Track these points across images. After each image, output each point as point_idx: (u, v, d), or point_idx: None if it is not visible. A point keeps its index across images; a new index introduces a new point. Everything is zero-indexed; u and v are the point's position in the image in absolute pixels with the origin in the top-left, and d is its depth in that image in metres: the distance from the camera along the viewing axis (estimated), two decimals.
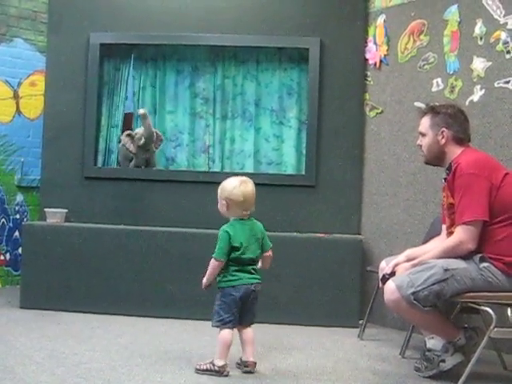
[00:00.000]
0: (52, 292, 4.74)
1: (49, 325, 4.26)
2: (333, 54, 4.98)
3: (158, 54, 5.33)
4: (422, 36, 4.57)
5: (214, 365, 3.25)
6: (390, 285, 3.18)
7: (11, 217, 5.77)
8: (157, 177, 5.09)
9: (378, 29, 4.87)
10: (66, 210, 4.96)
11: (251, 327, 3.37)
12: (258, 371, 3.34)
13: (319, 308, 4.62)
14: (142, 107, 5.25)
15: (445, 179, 3.37)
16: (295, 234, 4.80)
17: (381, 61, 4.84)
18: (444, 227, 3.44)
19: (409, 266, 3.22)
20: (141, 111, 4.95)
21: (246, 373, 3.30)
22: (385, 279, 3.27)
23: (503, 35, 4.07)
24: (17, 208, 5.82)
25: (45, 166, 5.15)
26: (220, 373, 3.24)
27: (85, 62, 5.10)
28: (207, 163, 5.32)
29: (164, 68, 5.35)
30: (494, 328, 3.05)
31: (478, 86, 4.20)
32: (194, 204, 4.96)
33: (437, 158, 3.41)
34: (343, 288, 4.62)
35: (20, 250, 5.45)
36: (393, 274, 3.25)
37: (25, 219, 5.81)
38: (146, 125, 4.99)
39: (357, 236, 4.83)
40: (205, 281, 3.34)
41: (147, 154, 5.15)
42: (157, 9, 5.10)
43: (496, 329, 3.05)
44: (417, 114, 3.66)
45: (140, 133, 5.05)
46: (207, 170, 5.26)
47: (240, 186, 3.31)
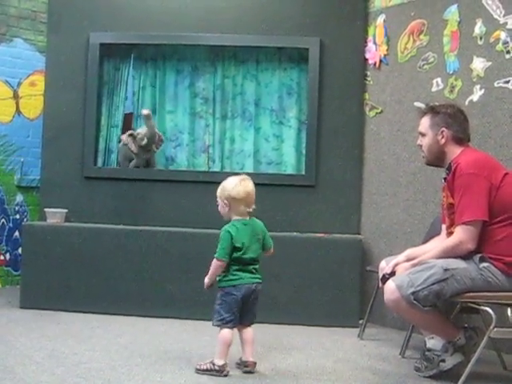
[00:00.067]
0: (52, 292, 4.74)
1: (49, 325, 4.26)
2: (333, 54, 4.98)
3: (158, 54, 5.33)
4: (422, 36, 4.57)
5: (214, 364, 3.25)
6: (390, 284, 3.18)
7: (11, 217, 5.77)
8: (157, 177, 5.09)
9: (378, 28, 4.87)
10: (66, 210, 4.96)
11: (251, 327, 3.37)
12: (258, 371, 3.34)
13: (319, 308, 4.62)
14: (142, 107, 5.26)
15: (444, 179, 3.37)
16: (295, 234, 4.80)
17: (380, 60, 4.84)
18: (444, 227, 3.44)
19: (409, 266, 3.22)
20: (145, 112, 4.95)
21: (246, 373, 3.31)
22: (385, 279, 3.27)
23: (503, 35, 4.07)
24: (17, 208, 5.82)
25: (44, 166, 5.15)
26: (220, 372, 3.24)
27: (84, 62, 5.10)
28: (207, 163, 5.32)
29: (164, 68, 5.35)
30: (494, 328, 3.05)
31: (478, 86, 4.20)
32: (194, 204, 4.96)
33: (437, 158, 3.41)
34: (343, 288, 4.62)
35: (20, 250, 5.45)
36: (393, 274, 3.25)
37: (25, 219, 5.80)
38: (150, 125, 4.98)
39: (357, 236, 4.83)
40: (207, 280, 3.34)
41: (148, 155, 5.15)
42: (157, 9, 5.10)
43: (496, 329, 3.05)
44: (416, 114, 3.66)
45: (142, 133, 5.05)
46: (207, 170, 5.26)
47: (240, 184, 3.32)
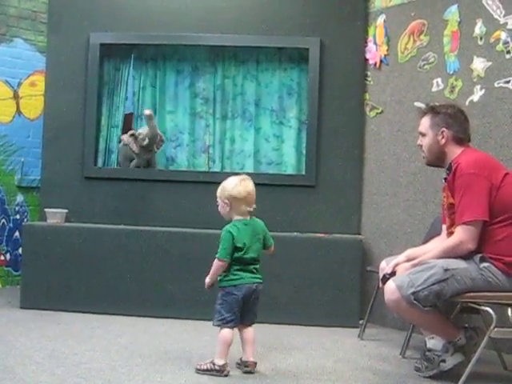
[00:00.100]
0: (52, 292, 4.74)
1: (49, 325, 4.26)
2: (333, 54, 4.97)
3: (158, 54, 5.33)
4: (422, 36, 4.57)
5: (215, 364, 3.25)
6: (391, 285, 3.18)
7: (11, 217, 5.77)
8: (157, 177, 5.09)
9: (378, 29, 4.87)
10: (66, 211, 4.96)
11: (252, 327, 3.37)
12: (259, 371, 3.34)
13: (319, 308, 4.62)
14: (143, 107, 5.27)
15: (445, 179, 3.37)
16: (295, 234, 4.80)
17: (381, 61, 4.84)
18: (444, 227, 3.44)
19: (409, 266, 3.21)
20: (147, 112, 4.94)
21: (247, 373, 3.30)
22: (385, 279, 3.27)
23: (503, 35, 4.07)
24: (17, 208, 5.82)
25: (45, 167, 5.15)
26: (221, 372, 3.24)
27: (85, 62, 5.10)
28: (207, 163, 5.32)
29: (164, 68, 5.35)
30: (495, 328, 3.05)
31: (478, 86, 4.20)
32: (194, 204, 4.96)
33: (437, 159, 3.41)
34: (343, 288, 4.62)
35: (20, 251, 5.45)
36: (393, 274, 3.25)
37: (25, 219, 5.80)
38: (152, 125, 4.98)
39: (357, 236, 4.83)
40: (208, 280, 3.33)
41: (149, 155, 5.15)
42: (157, 9, 5.10)
43: (496, 329, 3.05)
44: (417, 114, 3.66)
45: (144, 133, 5.04)
46: (207, 170, 5.26)
47: (241, 183, 3.32)
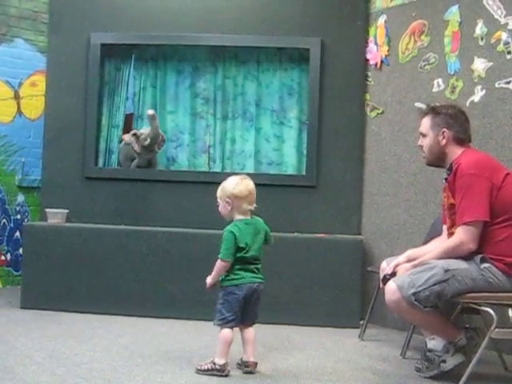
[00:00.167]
0: (52, 292, 4.74)
1: (49, 325, 4.26)
2: (333, 55, 4.97)
3: (159, 54, 5.33)
4: (423, 36, 4.57)
5: (215, 364, 3.25)
6: (391, 285, 3.18)
7: (12, 217, 5.77)
8: (157, 177, 5.09)
9: (379, 29, 4.87)
10: (67, 211, 4.96)
11: (253, 327, 3.37)
12: (259, 371, 3.34)
13: (320, 308, 4.62)
14: (143, 107, 5.28)
15: (445, 179, 3.37)
16: (296, 235, 4.80)
17: (381, 61, 4.84)
18: (445, 228, 3.43)
19: (409, 267, 3.21)
20: (150, 112, 4.94)
21: (247, 373, 3.31)
22: (386, 279, 3.26)
23: (504, 36, 4.07)
24: (18, 208, 5.82)
25: (45, 167, 5.15)
26: (221, 371, 3.23)
27: (85, 63, 5.10)
28: (208, 163, 5.32)
29: (165, 68, 5.34)
30: (495, 328, 3.05)
31: (479, 87, 4.20)
32: (195, 204, 4.96)
33: (438, 159, 3.41)
34: (344, 288, 4.61)
35: (21, 251, 5.45)
36: (394, 275, 3.25)
37: (26, 219, 5.80)
38: (154, 125, 4.98)
39: (357, 236, 4.83)
40: (210, 281, 3.33)
41: (150, 155, 5.15)
42: (157, 9, 5.10)
43: (497, 329, 3.05)
44: (417, 115, 3.66)
45: (146, 133, 5.04)
46: (208, 171, 5.26)
47: (242, 182, 3.32)
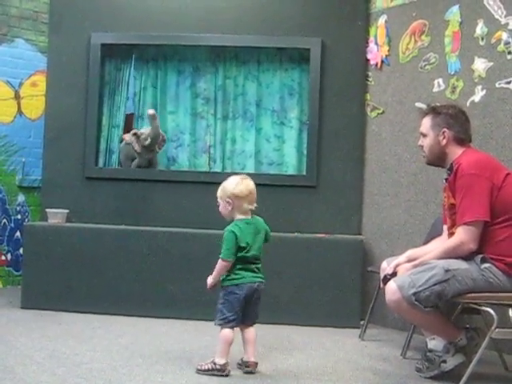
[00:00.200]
0: (53, 292, 4.74)
1: (50, 325, 4.26)
2: (334, 55, 4.97)
3: (159, 55, 5.33)
4: (424, 36, 4.56)
5: (216, 363, 3.25)
6: (392, 285, 3.18)
7: (12, 217, 5.77)
8: (158, 177, 5.09)
9: (380, 29, 4.86)
10: (67, 211, 4.96)
11: (253, 327, 3.37)
12: (259, 371, 3.34)
13: (320, 308, 4.61)
14: (144, 108, 5.28)
15: (446, 180, 3.37)
16: (296, 235, 4.80)
17: (382, 61, 4.84)
18: (445, 228, 3.43)
19: (410, 267, 3.21)
20: (150, 111, 4.94)
21: (247, 373, 3.31)
22: (386, 280, 3.26)
23: (504, 36, 4.07)
24: (18, 208, 5.82)
25: (46, 167, 5.15)
26: (222, 371, 3.23)
27: (86, 63, 5.10)
28: (208, 163, 5.32)
29: (165, 68, 5.34)
30: (495, 329, 3.05)
31: (479, 87, 4.20)
32: (195, 204, 4.96)
33: (438, 159, 3.41)
34: (344, 288, 4.61)
35: (21, 251, 5.45)
36: (394, 275, 3.25)
37: (26, 219, 5.81)
38: (154, 125, 4.98)
39: (358, 236, 4.82)
40: (210, 281, 3.33)
41: (151, 155, 5.15)
42: (157, 9, 5.10)
43: (497, 329, 3.05)
44: (418, 115, 3.66)
45: (146, 133, 5.04)
46: (208, 171, 5.26)
47: (242, 182, 3.32)
